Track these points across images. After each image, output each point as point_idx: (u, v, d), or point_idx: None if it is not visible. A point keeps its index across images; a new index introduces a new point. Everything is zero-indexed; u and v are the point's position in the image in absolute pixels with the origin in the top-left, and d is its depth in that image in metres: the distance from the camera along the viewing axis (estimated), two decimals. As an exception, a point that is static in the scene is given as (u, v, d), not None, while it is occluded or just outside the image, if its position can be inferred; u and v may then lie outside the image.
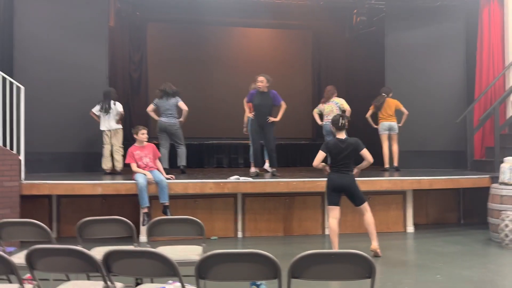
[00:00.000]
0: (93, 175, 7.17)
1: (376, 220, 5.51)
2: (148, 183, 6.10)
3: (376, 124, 8.28)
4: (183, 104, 7.37)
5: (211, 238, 6.47)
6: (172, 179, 6.38)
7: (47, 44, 7.55)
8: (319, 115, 8.08)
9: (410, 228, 7.08)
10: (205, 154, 10.56)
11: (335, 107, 7.68)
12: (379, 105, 8.14)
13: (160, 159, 6.66)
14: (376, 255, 5.39)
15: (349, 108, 7.63)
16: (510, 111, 8.09)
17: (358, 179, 5.47)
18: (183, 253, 3.73)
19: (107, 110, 7.38)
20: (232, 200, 6.74)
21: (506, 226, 5.97)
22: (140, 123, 7.66)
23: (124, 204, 6.72)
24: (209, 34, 11.37)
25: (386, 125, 8.14)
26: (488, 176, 7.05)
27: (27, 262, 2.77)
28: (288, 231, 6.85)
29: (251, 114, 7.22)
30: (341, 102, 7.72)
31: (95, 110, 7.43)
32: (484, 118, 8.03)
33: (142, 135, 6.37)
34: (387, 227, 6.99)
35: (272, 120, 7.08)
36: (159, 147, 7.06)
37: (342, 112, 7.35)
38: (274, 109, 7.22)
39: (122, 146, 7.54)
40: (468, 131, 8.20)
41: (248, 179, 6.56)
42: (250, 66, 11.32)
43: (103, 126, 7.43)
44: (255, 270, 2.56)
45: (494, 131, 7.65)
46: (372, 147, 5.95)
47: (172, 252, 3.53)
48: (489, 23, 8.35)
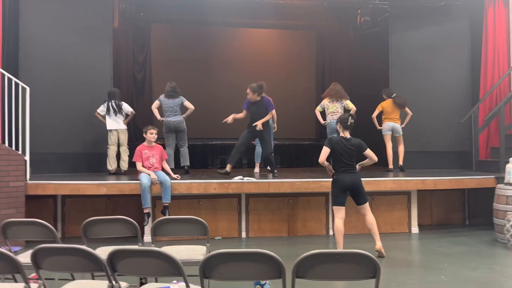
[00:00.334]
0: (97, 175, 7.20)
1: (380, 221, 5.51)
2: (152, 184, 6.12)
3: (380, 125, 8.26)
4: (189, 103, 7.42)
5: (215, 239, 6.48)
6: (178, 179, 6.42)
7: (52, 45, 7.58)
8: (320, 112, 8.04)
9: (415, 229, 7.06)
10: (208, 154, 10.56)
11: (339, 106, 7.68)
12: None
13: (167, 161, 6.69)
14: (380, 255, 5.38)
15: (354, 108, 7.61)
16: (516, 111, 8.07)
17: (362, 179, 5.46)
18: (187, 252, 3.75)
19: (116, 110, 7.41)
20: (236, 201, 6.75)
21: (512, 226, 5.95)
22: (144, 124, 7.70)
23: (129, 204, 6.75)
24: (213, 35, 11.38)
25: (390, 125, 8.11)
26: (493, 176, 7.03)
27: (32, 262, 2.78)
28: (292, 232, 6.85)
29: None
30: (346, 102, 7.73)
31: (100, 110, 7.45)
32: (489, 118, 8.00)
33: (151, 134, 6.38)
34: (391, 228, 6.98)
35: (259, 128, 7.02)
36: (165, 147, 7.09)
37: (346, 111, 7.33)
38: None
39: (128, 146, 7.60)
40: (473, 132, 8.18)
41: (252, 179, 6.56)
42: (254, 66, 11.34)
43: (111, 125, 7.44)
44: (260, 269, 2.56)
45: (499, 131, 7.62)
46: (376, 148, 5.94)
47: (176, 252, 3.55)
48: (494, 23, 8.32)
